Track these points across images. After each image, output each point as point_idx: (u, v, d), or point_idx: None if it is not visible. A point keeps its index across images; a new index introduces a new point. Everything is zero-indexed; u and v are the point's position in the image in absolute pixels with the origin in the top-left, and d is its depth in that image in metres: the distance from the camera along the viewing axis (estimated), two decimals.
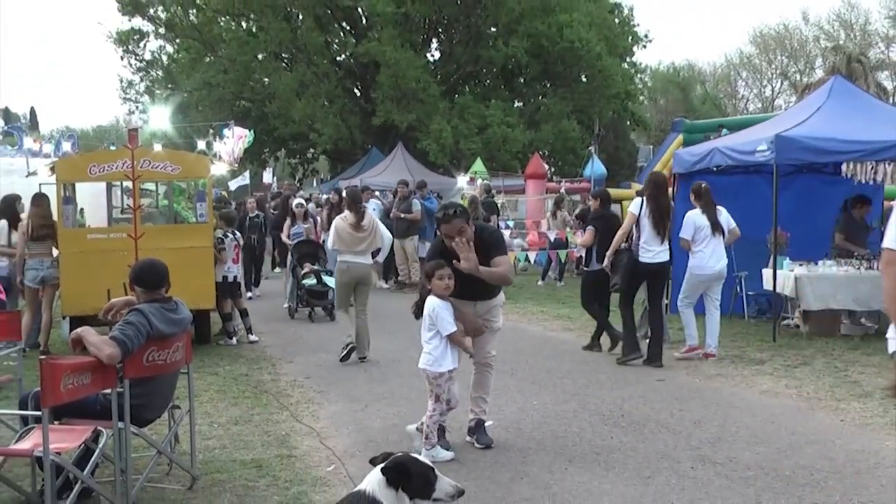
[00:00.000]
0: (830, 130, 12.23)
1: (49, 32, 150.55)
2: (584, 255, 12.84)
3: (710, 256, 11.14)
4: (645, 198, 10.97)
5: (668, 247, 10.98)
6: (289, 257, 16.75)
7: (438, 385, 6.98)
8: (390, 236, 12.69)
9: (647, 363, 10.83)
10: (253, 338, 13.05)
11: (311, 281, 15.35)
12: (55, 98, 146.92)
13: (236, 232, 13.35)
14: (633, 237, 11.04)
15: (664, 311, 11.68)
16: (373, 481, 3.60)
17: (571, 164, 40.44)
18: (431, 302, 6.96)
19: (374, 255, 12.24)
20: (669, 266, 11.34)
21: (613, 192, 26.74)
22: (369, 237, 11.63)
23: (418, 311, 7.06)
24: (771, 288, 12.61)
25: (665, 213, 10.90)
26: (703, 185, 11.47)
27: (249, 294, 18.07)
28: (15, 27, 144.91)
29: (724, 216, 11.35)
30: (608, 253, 11.30)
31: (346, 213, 11.88)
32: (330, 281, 14.68)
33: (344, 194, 13.76)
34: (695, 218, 11.24)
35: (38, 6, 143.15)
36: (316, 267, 15.62)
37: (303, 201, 18.07)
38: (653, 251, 10.84)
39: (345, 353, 11.37)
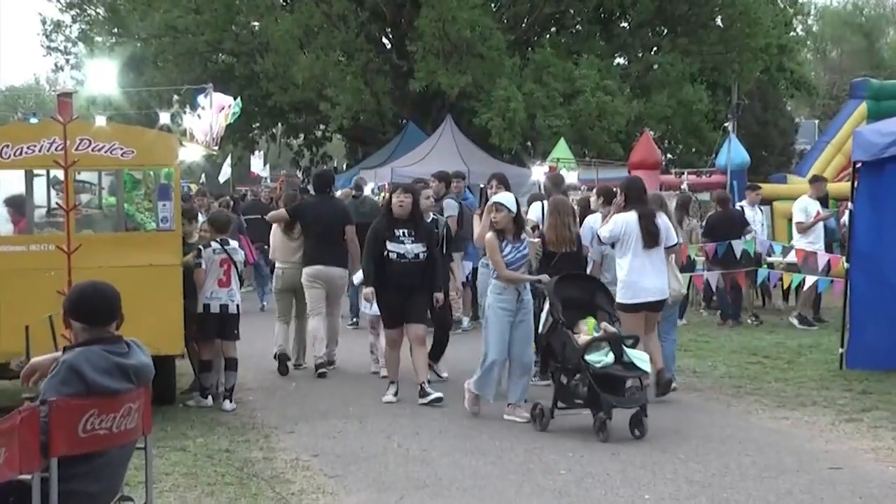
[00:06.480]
0: None
1: None
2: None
3: None
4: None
5: None
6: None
7: None
8: None
9: None
10: (229, 406, 12.81)
11: (604, 358, 11.13)
12: None
13: (228, 242, 13.24)
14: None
15: None
16: None
17: (697, 150, 40.26)
18: None
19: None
20: None
21: (764, 188, 26.50)
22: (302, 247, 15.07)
23: None
24: None
25: None
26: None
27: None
28: None
29: None
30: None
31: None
32: (643, 362, 11.37)
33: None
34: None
35: None
36: (606, 327, 11.67)
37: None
38: None
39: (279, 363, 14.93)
